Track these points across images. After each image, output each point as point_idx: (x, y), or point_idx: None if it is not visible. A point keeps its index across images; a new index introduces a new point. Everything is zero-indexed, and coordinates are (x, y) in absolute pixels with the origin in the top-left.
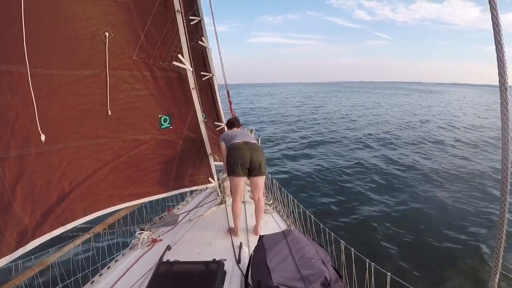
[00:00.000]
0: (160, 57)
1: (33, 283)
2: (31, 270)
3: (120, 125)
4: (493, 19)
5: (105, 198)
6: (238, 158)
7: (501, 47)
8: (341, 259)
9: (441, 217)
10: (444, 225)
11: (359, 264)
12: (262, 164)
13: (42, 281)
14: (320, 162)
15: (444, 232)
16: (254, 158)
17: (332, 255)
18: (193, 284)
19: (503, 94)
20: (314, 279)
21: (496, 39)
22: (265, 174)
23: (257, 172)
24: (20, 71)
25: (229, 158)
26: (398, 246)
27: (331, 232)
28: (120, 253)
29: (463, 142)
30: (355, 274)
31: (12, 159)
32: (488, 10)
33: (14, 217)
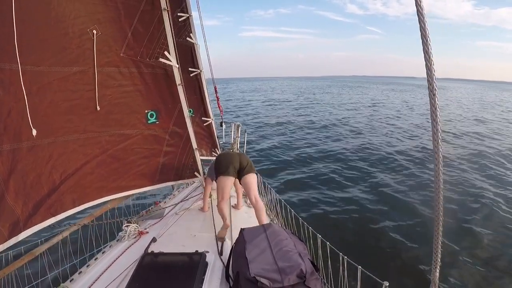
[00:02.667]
0: (147, 54)
1: (22, 273)
2: (20, 260)
3: (107, 120)
4: (419, 15)
5: (93, 190)
6: (227, 160)
7: (427, 39)
8: (319, 252)
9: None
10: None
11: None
12: (251, 163)
13: (31, 271)
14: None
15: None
16: (242, 159)
17: (310, 248)
18: (176, 274)
19: (431, 92)
20: (290, 271)
21: (422, 34)
22: (255, 173)
23: (248, 170)
24: (11, 68)
25: (218, 162)
26: (373, 240)
27: (309, 227)
28: (107, 245)
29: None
30: (330, 267)
31: (5, 153)
32: (481, 4)
33: (7, 209)
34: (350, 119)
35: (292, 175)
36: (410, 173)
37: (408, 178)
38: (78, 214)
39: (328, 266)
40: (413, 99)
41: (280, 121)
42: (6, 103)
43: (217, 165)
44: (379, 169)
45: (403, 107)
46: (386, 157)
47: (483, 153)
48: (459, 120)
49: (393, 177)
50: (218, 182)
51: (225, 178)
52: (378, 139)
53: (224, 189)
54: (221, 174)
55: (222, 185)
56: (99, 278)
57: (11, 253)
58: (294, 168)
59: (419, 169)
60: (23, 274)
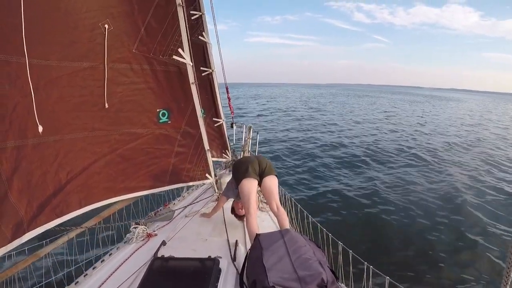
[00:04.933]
0: (160, 51)
1: (26, 274)
2: (24, 261)
3: (117, 118)
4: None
5: (101, 190)
6: (246, 163)
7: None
8: (338, 260)
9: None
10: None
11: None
12: (270, 165)
13: (35, 273)
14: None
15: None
16: (261, 160)
17: (328, 255)
18: (188, 280)
19: None
20: (310, 280)
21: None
22: (276, 175)
23: (268, 171)
24: (18, 61)
25: (236, 169)
26: (399, 250)
27: (328, 233)
28: (114, 247)
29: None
30: (352, 276)
31: (9, 150)
32: (488, 15)
33: (10, 209)
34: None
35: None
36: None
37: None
38: (84, 215)
39: (350, 275)
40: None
41: (290, 135)
42: (12, 97)
43: (236, 172)
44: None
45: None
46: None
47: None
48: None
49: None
50: (242, 189)
51: (248, 180)
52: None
53: (250, 195)
54: (243, 177)
55: (247, 190)
56: (106, 282)
57: (14, 254)
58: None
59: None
60: (27, 276)
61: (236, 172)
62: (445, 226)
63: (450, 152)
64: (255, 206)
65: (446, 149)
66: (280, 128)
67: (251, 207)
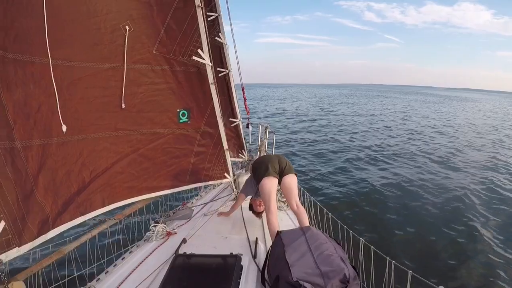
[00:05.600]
0: (180, 51)
1: (49, 271)
2: (48, 258)
3: (139, 118)
4: None
5: (123, 190)
6: (266, 161)
7: None
8: (359, 256)
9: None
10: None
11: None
12: (290, 164)
13: (58, 270)
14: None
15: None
16: (281, 159)
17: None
18: (210, 277)
19: None
20: (333, 276)
21: None
22: (295, 174)
23: (288, 170)
24: (42, 62)
25: (256, 168)
26: (419, 243)
27: (349, 230)
28: (134, 245)
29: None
30: (373, 272)
31: (34, 148)
32: (501, 13)
33: (36, 205)
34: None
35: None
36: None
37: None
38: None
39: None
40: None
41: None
42: (36, 97)
43: (255, 171)
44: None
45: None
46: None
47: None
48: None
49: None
50: (262, 187)
51: (268, 179)
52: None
53: (270, 193)
54: (263, 176)
55: (268, 188)
56: (127, 279)
57: (39, 251)
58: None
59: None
60: (50, 273)
61: (257, 170)
62: (476, 227)
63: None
64: (276, 204)
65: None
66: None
67: (271, 205)
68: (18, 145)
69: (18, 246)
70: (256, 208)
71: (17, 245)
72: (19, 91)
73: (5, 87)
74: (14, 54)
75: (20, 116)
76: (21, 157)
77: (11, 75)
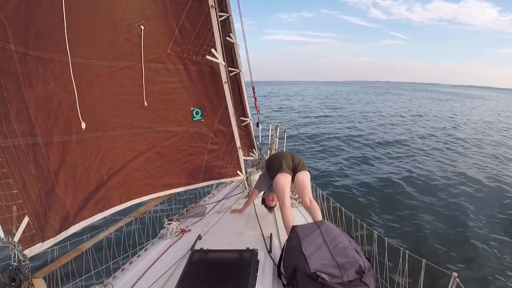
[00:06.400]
0: (194, 51)
1: (67, 269)
2: (67, 256)
3: (154, 116)
4: None
5: (140, 187)
6: (279, 158)
7: None
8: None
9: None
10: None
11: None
12: (303, 161)
13: (76, 267)
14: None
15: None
16: (294, 156)
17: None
18: (228, 271)
19: None
20: (349, 267)
21: None
22: (308, 170)
23: (301, 167)
24: (62, 59)
25: (269, 164)
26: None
27: (363, 223)
28: (149, 243)
29: None
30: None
31: (55, 145)
32: (507, 10)
33: (57, 201)
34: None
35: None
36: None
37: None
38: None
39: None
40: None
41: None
42: (57, 94)
43: (269, 167)
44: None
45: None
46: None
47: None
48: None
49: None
50: (276, 183)
51: (282, 175)
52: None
53: (285, 189)
54: (277, 172)
55: (282, 184)
56: (143, 276)
57: (57, 249)
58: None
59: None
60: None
61: (271, 167)
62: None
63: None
64: (288, 198)
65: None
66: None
67: (286, 200)
68: (40, 141)
69: (42, 242)
70: (268, 203)
71: (41, 241)
72: (40, 88)
73: (27, 83)
74: (35, 51)
75: (41, 113)
76: (42, 153)
77: (33, 72)
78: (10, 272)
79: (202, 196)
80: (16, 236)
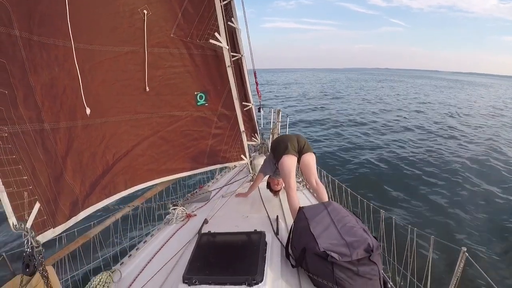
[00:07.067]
0: (197, 35)
1: (75, 256)
2: (75, 243)
3: (158, 101)
4: None
5: (144, 172)
6: (285, 140)
7: None
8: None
9: None
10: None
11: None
12: (308, 143)
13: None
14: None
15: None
16: (299, 138)
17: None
18: (237, 253)
19: None
20: (358, 245)
21: None
22: (314, 152)
23: (307, 149)
24: (65, 45)
25: (275, 146)
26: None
27: (369, 203)
28: (155, 228)
29: None
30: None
31: (62, 131)
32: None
33: (66, 187)
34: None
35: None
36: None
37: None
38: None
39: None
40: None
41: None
42: (61, 80)
43: (274, 150)
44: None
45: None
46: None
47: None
48: None
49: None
50: (282, 165)
51: (288, 157)
52: None
53: (290, 171)
54: (282, 154)
55: (288, 166)
56: (151, 261)
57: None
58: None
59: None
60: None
61: (276, 149)
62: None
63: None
64: (294, 180)
65: None
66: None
67: (292, 182)
68: (47, 127)
69: (53, 228)
70: (273, 186)
71: (52, 226)
72: (45, 74)
73: (32, 69)
74: (39, 37)
75: (47, 99)
76: (50, 139)
77: (37, 58)
78: (23, 258)
79: (206, 181)
80: (29, 222)
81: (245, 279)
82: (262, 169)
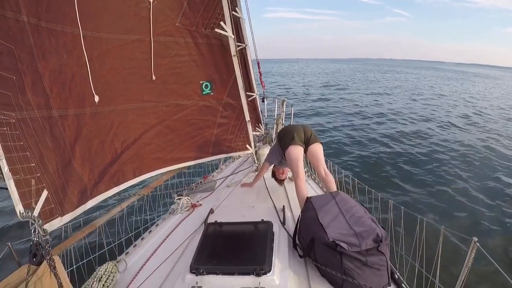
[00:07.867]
0: (203, 24)
1: (81, 246)
2: (80, 232)
3: (164, 90)
4: None
5: (151, 161)
6: (291, 130)
7: None
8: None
9: None
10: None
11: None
12: (315, 133)
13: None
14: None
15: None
16: (306, 128)
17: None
18: (244, 243)
19: None
20: (367, 235)
21: None
22: (321, 143)
23: (314, 139)
24: (73, 32)
25: (281, 136)
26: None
27: (378, 194)
28: (160, 218)
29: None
30: (403, 232)
31: (70, 118)
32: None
33: (75, 175)
34: None
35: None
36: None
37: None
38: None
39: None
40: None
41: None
42: (70, 67)
43: (281, 140)
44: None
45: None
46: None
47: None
48: None
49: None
50: (289, 155)
51: (295, 147)
52: None
53: (298, 161)
54: (289, 144)
55: (295, 156)
56: (156, 251)
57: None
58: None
59: None
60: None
61: (282, 139)
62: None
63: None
64: (302, 170)
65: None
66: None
67: (300, 172)
68: (56, 114)
69: (61, 216)
70: (279, 176)
71: (60, 215)
72: (53, 60)
73: (41, 55)
74: (47, 23)
75: (56, 85)
76: (58, 126)
77: (46, 44)
78: (31, 247)
79: (210, 171)
80: (36, 210)
81: (253, 269)
82: (268, 158)
